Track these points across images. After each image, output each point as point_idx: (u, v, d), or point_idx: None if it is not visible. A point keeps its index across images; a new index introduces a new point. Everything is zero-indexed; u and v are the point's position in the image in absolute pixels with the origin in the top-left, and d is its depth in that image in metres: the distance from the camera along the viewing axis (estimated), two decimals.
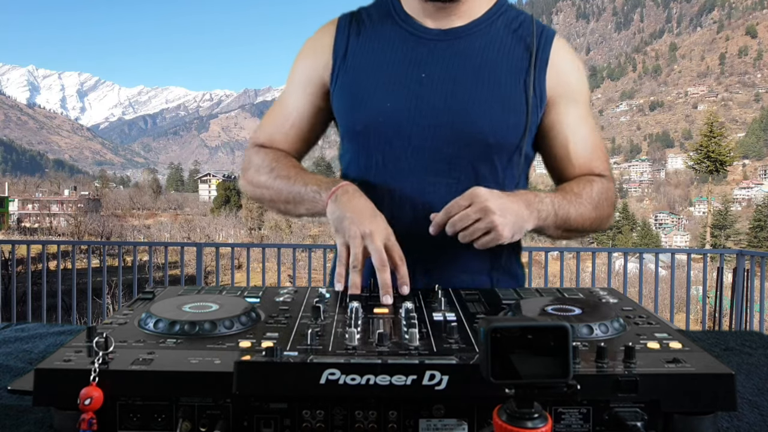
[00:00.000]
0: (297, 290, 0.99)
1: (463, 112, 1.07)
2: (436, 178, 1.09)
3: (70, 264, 6.02)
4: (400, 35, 1.12)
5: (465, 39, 1.10)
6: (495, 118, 1.07)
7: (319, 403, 0.65)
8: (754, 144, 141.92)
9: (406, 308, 0.82)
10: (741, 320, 5.24)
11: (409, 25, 1.12)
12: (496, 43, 1.10)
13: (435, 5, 1.09)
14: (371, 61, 1.11)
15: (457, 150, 1.08)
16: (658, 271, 6.55)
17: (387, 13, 1.15)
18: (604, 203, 1.11)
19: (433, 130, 1.07)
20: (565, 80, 1.12)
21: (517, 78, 1.09)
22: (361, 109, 1.11)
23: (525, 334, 0.49)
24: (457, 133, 1.07)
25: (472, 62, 1.08)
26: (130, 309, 0.87)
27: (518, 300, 0.92)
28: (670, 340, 0.74)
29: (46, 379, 0.64)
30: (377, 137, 1.10)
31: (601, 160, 1.17)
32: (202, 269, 5.91)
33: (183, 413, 0.65)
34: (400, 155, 1.09)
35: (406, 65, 1.09)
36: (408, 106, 1.08)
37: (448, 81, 1.08)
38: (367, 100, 1.10)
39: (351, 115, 1.13)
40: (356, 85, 1.11)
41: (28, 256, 5.94)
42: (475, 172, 1.09)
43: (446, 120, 1.07)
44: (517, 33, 1.12)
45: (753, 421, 0.77)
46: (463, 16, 1.11)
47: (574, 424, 0.65)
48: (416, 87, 1.08)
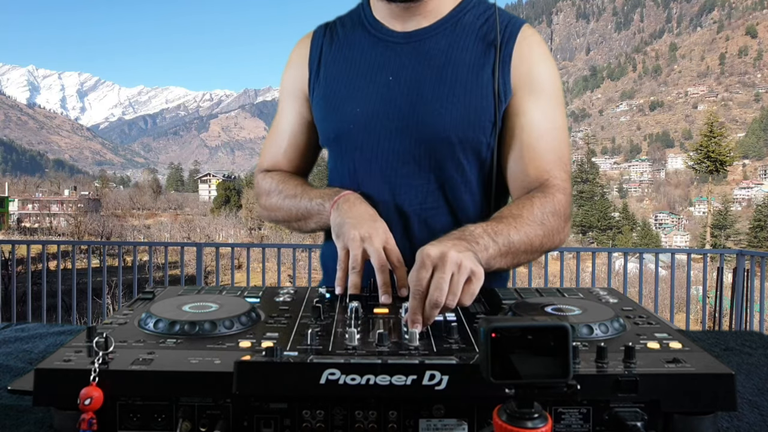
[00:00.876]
0: (297, 290, 0.99)
1: (426, 113, 1.07)
2: (406, 180, 1.09)
3: (70, 264, 6.02)
4: (368, 41, 1.13)
5: (429, 40, 1.11)
6: (457, 117, 1.06)
7: (319, 403, 0.65)
8: (754, 144, 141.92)
9: (406, 308, 0.82)
10: (741, 320, 5.24)
11: (377, 30, 1.14)
12: (461, 42, 1.10)
13: (399, 6, 1.10)
14: (344, 69, 1.13)
15: (424, 151, 1.08)
16: (658, 271, 6.56)
17: (359, 21, 1.17)
18: (550, 218, 1.01)
19: (400, 133, 1.08)
20: (527, 71, 1.07)
21: (480, 73, 1.07)
22: (333, 116, 1.13)
23: (525, 334, 0.49)
24: (421, 134, 1.08)
25: (435, 62, 1.09)
26: (130, 309, 0.87)
27: (518, 300, 0.92)
28: (670, 340, 0.74)
29: (46, 379, 0.64)
30: (348, 143, 1.12)
31: (557, 165, 1.07)
32: (202, 269, 5.91)
33: (183, 413, 0.65)
34: (371, 159, 1.10)
35: (374, 70, 1.11)
36: (376, 111, 1.09)
37: (412, 83, 1.08)
38: (339, 108, 1.12)
39: (325, 123, 1.15)
40: (329, 94, 1.13)
41: (28, 256, 5.94)
42: (444, 172, 1.09)
43: (411, 121, 1.08)
44: (484, 27, 1.11)
45: (753, 421, 0.77)
46: (428, 16, 1.11)
47: (574, 424, 0.65)
48: (383, 91, 1.09)
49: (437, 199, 1.10)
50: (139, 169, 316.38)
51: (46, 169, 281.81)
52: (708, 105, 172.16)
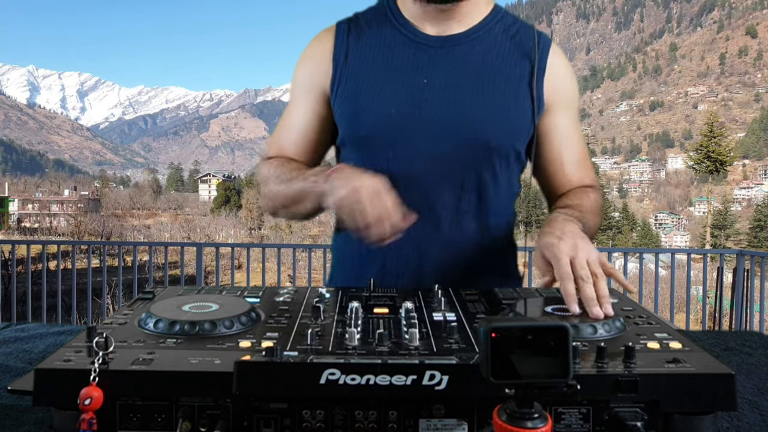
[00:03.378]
0: (297, 290, 0.99)
1: (466, 117, 1.07)
2: (440, 182, 1.09)
3: (70, 264, 6.01)
4: (400, 41, 1.12)
5: (465, 45, 1.11)
6: (497, 123, 1.08)
7: (319, 403, 0.65)
8: (754, 144, 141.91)
9: (406, 308, 0.82)
10: (741, 320, 5.24)
11: (409, 30, 1.12)
12: (495, 50, 1.11)
13: (435, 8, 1.09)
14: (373, 67, 1.11)
15: (461, 154, 1.08)
16: (658, 271, 6.56)
17: (385, 19, 1.15)
18: (597, 211, 1.15)
19: (437, 135, 1.07)
20: (561, 87, 1.15)
21: (517, 84, 1.10)
22: (364, 115, 1.10)
23: (525, 334, 0.49)
24: (460, 138, 1.07)
25: (472, 68, 1.09)
26: (130, 309, 0.87)
27: (518, 300, 0.92)
28: (670, 340, 0.74)
29: (46, 379, 0.64)
30: (382, 143, 1.10)
31: (589, 170, 1.20)
32: (202, 269, 5.91)
33: (183, 413, 0.65)
34: (405, 160, 1.09)
35: (408, 71, 1.10)
36: (411, 112, 1.08)
37: (449, 87, 1.08)
38: (371, 106, 1.10)
39: (355, 121, 1.12)
40: (359, 92, 1.11)
41: (28, 256, 5.94)
42: (478, 176, 1.10)
43: (449, 125, 1.07)
44: (515, 39, 1.13)
45: (753, 421, 0.77)
46: (462, 22, 1.12)
47: (574, 424, 0.65)
48: (419, 92, 1.08)
49: (469, 202, 1.11)
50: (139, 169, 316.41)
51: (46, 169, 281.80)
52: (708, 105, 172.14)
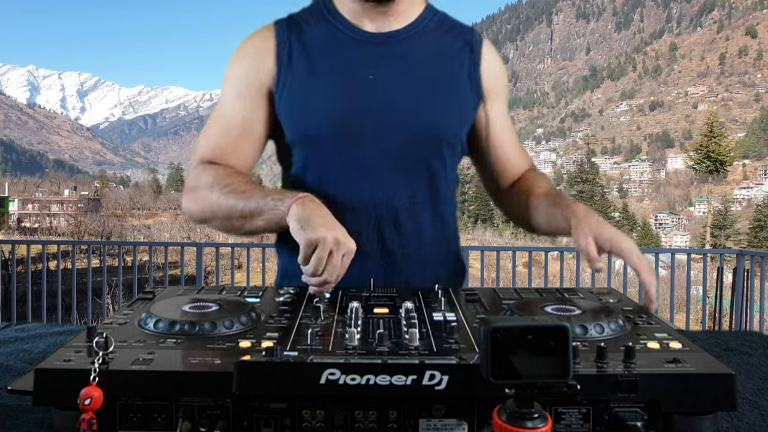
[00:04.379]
0: (297, 290, 0.99)
1: (414, 110, 1.11)
2: (392, 176, 1.11)
3: (70, 264, 6.02)
4: (342, 38, 1.13)
5: (406, 41, 1.14)
6: (444, 114, 1.13)
7: (319, 403, 0.65)
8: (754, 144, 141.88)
9: (406, 308, 0.82)
10: (741, 320, 5.23)
11: (348, 29, 1.14)
12: (434, 45, 1.16)
13: (374, 6, 1.11)
14: (316, 66, 1.12)
15: (412, 147, 1.11)
16: (658, 271, 6.56)
17: (323, 18, 1.16)
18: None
19: (387, 129, 1.09)
20: (495, 78, 1.21)
21: (458, 76, 1.16)
22: (313, 114, 1.11)
23: (525, 334, 0.49)
24: (410, 131, 1.10)
25: (416, 63, 1.13)
26: (130, 309, 0.87)
27: (518, 300, 0.92)
28: (670, 340, 0.74)
29: (46, 379, 0.64)
30: (332, 141, 1.11)
31: (525, 151, 1.30)
32: (202, 269, 5.91)
33: (183, 413, 0.65)
34: (357, 156, 1.10)
35: (353, 68, 1.11)
36: (361, 108, 1.09)
37: (395, 82, 1.11)
38: (319, 105, 1.10)
39: (304, 121, 1.12)
40: (306, 91, 1.11)
41: (28, 256, 5.94)
42: (428, 167, 1.14)
43: (399, 119, 1.10)
44: (450, 33, 1.18)
45: (753, 421, 0.77)
46: (399, 19, 1.14)
47: (574, 424, 0.65)
48: (366, 88, 1.10)
49: (423, 193, 1.14)
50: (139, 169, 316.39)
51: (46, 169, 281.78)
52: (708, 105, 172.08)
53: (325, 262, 0.91)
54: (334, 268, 0.91)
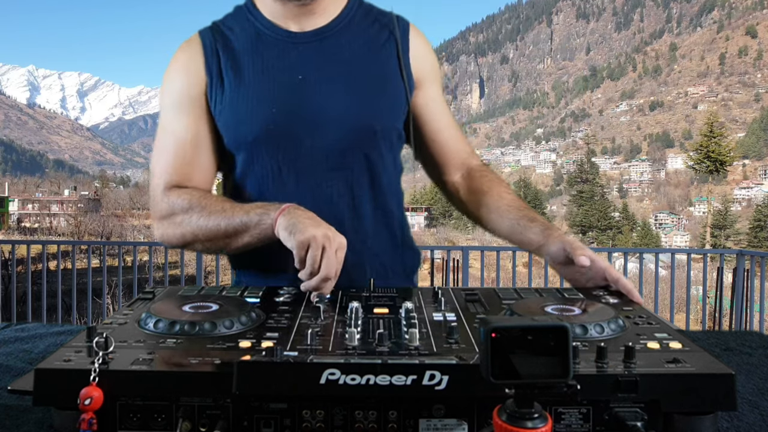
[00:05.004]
0: (297, 290, 0.99)
1: (345, 107, 1.11)
2: (332, 173, 1.12)
3: (70, 264, 6.02)
4: (267, 41, 1.13)
5: (331, 37, 1.14)
6: (376, 108, 1.13)
7: (319, 403, 0.65)
8: (754, 144, 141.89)
9: (406, 308, 0.82)
10: (741, 320, 5.24)
11: (273, 30, 1.14)
12: (360, 37, 1.16)
13: (295, 5, 1.11)
14: (246, 72, 1.12)
15: (348, 143, 1.11)
16: (658, 271, 6.55)
17: (247, 22, 1.15)
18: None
19: (321, 128, 1.10)
20: (425, 63, 1.21)
21: (387, 67, 1.15)
22: (246, 119, 1.11)
23: (525, 334, 0.49)
24: (344, 128, 1.11)
25: (343, 58, 1.13)
26: (130, 309, 0.87)
27: (518, 300, 0.92)
28: (670, 340, 0.74)
29: (46, 379, 0.64)
30: (268, 144, 1.11)
31: (464, 137, 1.30)
32: (202, 269, 5.91)
33: (183, 413, 0.65)
34: (294, 157, 1.11)
35: (281, 70, 1.11)
36: (293, 110, 1.10)
37: (325, 80, 1.11)
38: (251, 110, 1.10)
39: (238, 127, 1.12)
40: (237, 98, 1.11)
41: (28, 256, 5.94)
42: (367, 160, 1.14)
43: (331, 117, 1.10)
44: (376, 24, 1.18)
45: (753, 421, 0.77)
46: (323, 15, 1.14)
47: (574, 424, 0.65)
48: (296, 90, 1.10)
49: (362, 186, 1.15)
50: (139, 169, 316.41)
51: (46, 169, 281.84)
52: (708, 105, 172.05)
53: (320, 259, 0.92)
54: (331, 262, 0.92)
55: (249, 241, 1.05)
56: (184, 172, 1.14)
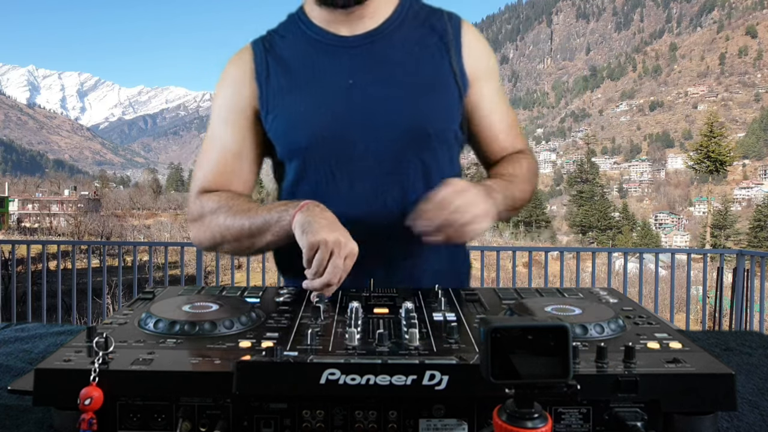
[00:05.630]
0: (297, 290, 0.99)
1: (397, 110, 1.09)
2: (386, 178, 1.11)
3: (70, 264, 6.01)
4: (318, 48, 1.13)
5: (382, 40, 1.13)
6: (429, 109, 1.11)
7: (319, 403, 0.65)
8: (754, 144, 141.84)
9: (406, 308, 0.82)
10: (741, 320, 5.23)
11: (322, 36, 1.13)
12: (411, 38, 1.14)
13: (342, 11, 1.10)
14: (297, 80, 1.12)
15: (402, 146, 1.10)
16: (658, 271, 6.55)
17: (298, 31, 1.16)
18: (533, 178, 1.20)
19: (374, 133, 1.09)
20: (479, 60, 1.17)
21: (439, 67, 1.13)
22: (300, 127, 1.11)
23: (525, 334, 0.49)
24: (396, 132, 1.09)
25: (394, 60, 1.11)
26: (130, 309, 0.87)
27: (518, 300, 0.92)
28: (670, 340, 0.74)
29: (46, 379, 0.64)
30: (322, 151, 1.11)
31: (519, 135, 1.24)
32: (202, 269, 5.91)
33: (183, 413, 0.65)
34: (348, 163, 1.10)
35: (332, 75, 1.11)
36: (345, 115, 1.09)
37: (376, 83, 1.10)
38: (304, 118, 1.11)
39: (291, 134, 1.12)
40: (289, 105, 1.12)
41: (28, 256, 5.93)
42: (422, 164, 1.12)
43: (383, 121, 1.09)
44: (427, 24, 1.16)
45: (753, 421, 0.77)
46: (373, 17, 1.13)
47: (574, 424, 0.65)
48: (347, 95, 1.10)
49: (417, 190, 1.12)
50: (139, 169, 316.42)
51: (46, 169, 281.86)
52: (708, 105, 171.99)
53: (326, 264, 0.91)
54: (336, 269, 0.91)
55: (271, 239, 1.05)
56: (222, 181, 1.16)
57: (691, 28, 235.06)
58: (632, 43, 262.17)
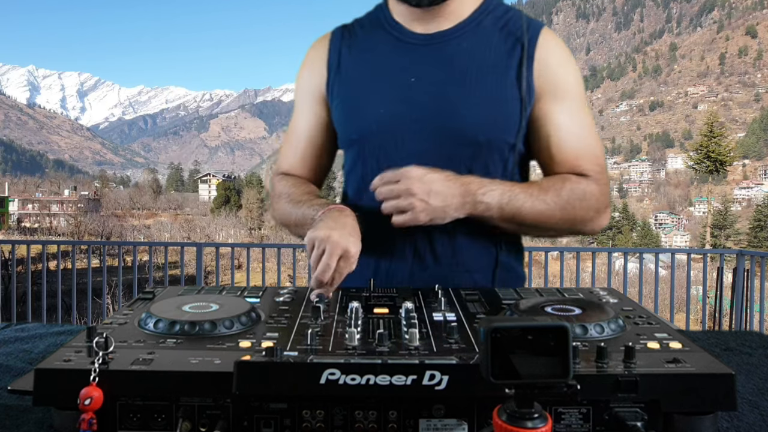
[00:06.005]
0: (297, 290, 0.99)
1: (451, 113, 1.08)
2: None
3: (70, 264, 6.01)
4: (389, 42, 1.14)
5: (451, 42, 1.11)
6: (483, 117, 1.07)
7: (319, 403, 0.65)
8: (754, 144, 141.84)
9: (406, 308, 0.82)
10: (741, 320, 5.23)
11: (398, 31, 1.14)
12: (483, 43, 1.11)
13: (421, 9, 1.10)
14: (363, 71, 1.13)
15: (449, 151, 1.08)
16: (658, 271, 6.55)
17: (378, 23, 1.17)
18: (576, 203, 1.07)
19: (425, 133, 1.08)
20: (552, 74, 1.10)
21: (504, 76, 1.09)
22: (355, 117, 1.13)
23: (525, 334, 0.49)
24: (447, 135, 1.08)
25: (459, 64, 1.09)
26: (130, 309, 0.87)
27: (518, 300, 0.92)
28: (670, 340, 0.74)
29: (46, 379, 0.64)
30: (372, 144, 1.12)
31: (589, 160, 1.11)
32: (202, 269, 5.91)
33: (183, 413, 0.65)
34: (396, 160, 1.09)
35: (395, 72, 1.11)
36: (400, 111, 1.09)
37: (436, 84, 1.09)
38: (361, 109, 1.12)
39: (347, 124, 1.15)
40: (350, 95, 1.14)
41: (28, 256, 5.93)
42: (469, 171, 1.08)
43: (436, 122, 1.08)
44: (504, 30, 1.12)
45: (753, 421, 0.77)
46: (450, 18, 1.12)
47: (574, 424, 0.65)
48: (406, 92, 1.09)
49: None
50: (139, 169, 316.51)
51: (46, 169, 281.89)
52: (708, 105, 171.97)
53: (317, 261, 0.92)
54: (326, 267, 0.91)
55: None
56: (294, 163, 1.24)
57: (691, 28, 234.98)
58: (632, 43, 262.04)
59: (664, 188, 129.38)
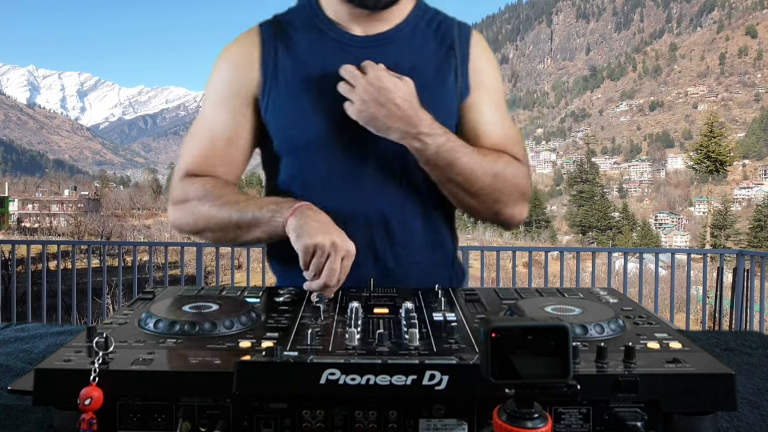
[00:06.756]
0: (297, 290, 0.99)
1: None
2: (379, 184, 1.10)
3: (70, 264, 6.02)
4: (328, 45, 1.11)
5: (392, 45, 1.12)
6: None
7: (319, 403, 0.65)
8: (754, 144, 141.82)
9: (406, 308, 0.82)
10: (741, 320, 5.23)
11: (336, 33, 1.12)
12: (420, 45, 1.13)
13: (365, 11, 1.09)
14: (303, 74, 1.10)
15: (397, 152, 1.07)
16: (658, 271, 6.55)
17: (310, 22, 1.13)
18: (507, 177, 1.10)
19: (371, 137, 1.06)
20: (481, 73, 1.16)
21: (444, 78, 1.12)
22: (300, 124, 1.09)
23: (525, 334, 0.49)
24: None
25: (402, 65, 1.09)
26: (130, 309, 0.87)
27: (518, 300, 0.92)
28: (670, 340, 0.74)
29: (46, 379, 0.64)
30: (319, 149, 1.10)
31: (517, 146, 1.15)
32: (202, 269, 5.91)
33: (183, 413, 0.65)
34: (343, 165, 1.09)
35: (338, 75, 1.08)
36: (345, 117, 1.06)
37: None
38: (305, 114, 1.09)
39: (291, 131, 1.11)
40: (291, 100, 1.10)
41: (28, 256, 5.94)
42: (417, 172, 1.09)
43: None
44: (438, 33, 1.15)
45: (753, 421, 0.77)
46: (388, 20, 1.12)
47: (574, 424, 0.65)
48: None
49: (413, 198, 1.12)
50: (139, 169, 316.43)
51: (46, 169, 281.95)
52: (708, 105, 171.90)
53: (323, 266, 0.92)
54: (333, 271, 0.91)
55: (260, 236, 1.05)
56: (209, 164, 1.13)
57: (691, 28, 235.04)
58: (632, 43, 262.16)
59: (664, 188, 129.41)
